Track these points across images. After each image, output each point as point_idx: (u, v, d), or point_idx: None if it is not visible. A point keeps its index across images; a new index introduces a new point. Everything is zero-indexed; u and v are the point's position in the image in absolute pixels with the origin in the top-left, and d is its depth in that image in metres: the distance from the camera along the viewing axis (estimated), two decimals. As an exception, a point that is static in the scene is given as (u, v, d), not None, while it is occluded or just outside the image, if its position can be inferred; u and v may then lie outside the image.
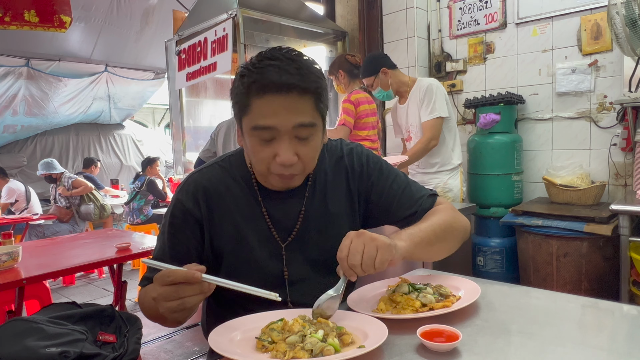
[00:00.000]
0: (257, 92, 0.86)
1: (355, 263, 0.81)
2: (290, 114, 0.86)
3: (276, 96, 0.85)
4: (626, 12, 2.19)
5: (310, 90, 0.87)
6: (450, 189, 2.61)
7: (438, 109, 2.49)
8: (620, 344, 0.80)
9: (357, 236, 0.83)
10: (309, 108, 0.88)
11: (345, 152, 1.09)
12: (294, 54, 0.89)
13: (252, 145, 0.91)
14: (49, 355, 1.30)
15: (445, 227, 1.00)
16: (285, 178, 0.93)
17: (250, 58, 0.91)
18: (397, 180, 1.08)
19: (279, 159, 0.89)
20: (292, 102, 0.86)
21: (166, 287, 0.75)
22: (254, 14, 3.20)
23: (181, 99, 3.85)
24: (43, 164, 4.86)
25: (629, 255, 2.04)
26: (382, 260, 0.81)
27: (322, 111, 0.92)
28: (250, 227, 1.00)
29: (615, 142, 2.73)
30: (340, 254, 0.83)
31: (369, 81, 2.66)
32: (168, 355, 2.76)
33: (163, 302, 0.76)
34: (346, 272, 0.83)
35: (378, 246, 0.82)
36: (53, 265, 2.03)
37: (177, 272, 0.75)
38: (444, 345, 0.73)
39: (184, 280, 0.75)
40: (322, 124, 0.94)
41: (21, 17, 2.83)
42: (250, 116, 0.88)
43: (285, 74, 0.84)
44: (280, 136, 0.88)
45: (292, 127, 0.87)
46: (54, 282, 4.41)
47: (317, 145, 0.94)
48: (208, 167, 1.05)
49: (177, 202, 1.00)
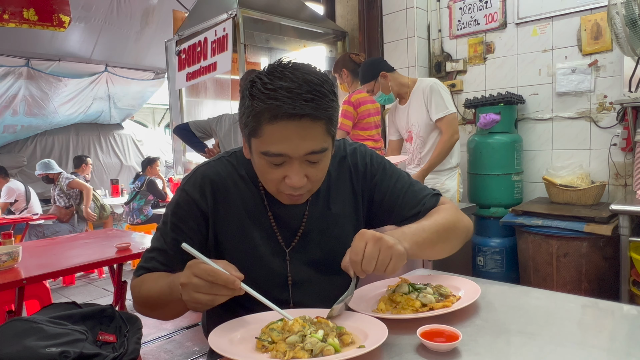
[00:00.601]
0: (269, 120, 0.83)
1: (369, 269, 0.81)
2: (302, 141, 0.85)
3: (288, 123, 0.83)
4: (626, 12, 2.19)
5: (322, 117, 0.85)
6: (448, 190, 2.61)
7: (448, 105, 2.50)
8: (620, 344, 0.80)
9: (374, 241, 0.82)
10: (321, 133, 0.87)
11: (349, 151, 1.09)
12: (306, 72, 0.85)
13: (261, 167, 0.90)
14: (49, 355, 1.30)
15: (448, 227, 1.00)
16: (294, 198, 0.93)
17: (260, 73, 0.87)
18: (401, 179, 1.08)
19: (288, 182, 0.88)
20: (304, 130, 0.84)
21: (202, 280, 0.76)
22: (254, 14, 3.20)
23: (181, 99, 3.85)
24: (41, 165, 4.86)
25: (629, 255, 2.04)
26: (394, 269, 0.82)
27: (333, 133, 0.91)
28: (255, 224, 1.00)
29: (615, 142, 2.73)
30: (355, 257, 0.82)
31: (369, 87, 2.66)
32: (168, 355, 2.76)
33: (192, 292, 0.76)
34: (358, 273, 0.84)
35: (393, 255, 0.82)
36: (53, 265, 2.03)
37: (220, 275, 0.76)
38: (444, 345, 0.73)
39: (224, 284, 0.76)
40: (332, 144, 0.93)
41: (20, 15, 2.83)
42: (261, 140, 0.86)
43: (298, 101, 0.81)
44: (291, 161, 0.87)
45: (303, 154, 0.86)
46: (54, 282, 4.41)
47: (326, 165, 0.94)
48: (215, 160, 1.04)
49: (182, 193, 1.00)
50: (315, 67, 0.88)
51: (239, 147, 1.07)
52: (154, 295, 0.90)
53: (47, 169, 4.82)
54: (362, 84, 2.70)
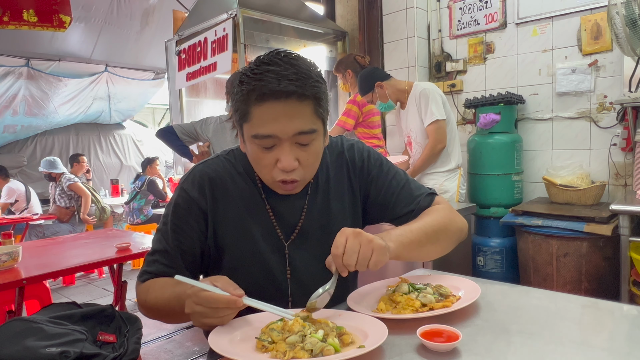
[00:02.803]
0: (256, 100, 0.86)
1: (351, 263, 0.82)
2: (289, 121, 0.86)
3: (275, 103, 0.85)
4: (626, 12, 2.19)
5: (309, 96, 0.87)
6: (446, 191, 2.61)
7: (435, 112, 2.51)
8: (620, 344, 0.80)
9: (354, 236, 0.84)
10: (309, 114, 0.88)
11: (346, 147, 1.10)
12: (292, 57, 0.88)
13: (254, 152, 0.92)
14: (49, 355, 1.30)
15: (437, 229, 1.00)
16: (288, 186, 0.93)
17: (249, 63, 0.91)
18: (397, 177, 1.09)
19: (280, 165, 0.89)
20: (291, 109, 0.86)
21: (205, 308, 0.77)
22: (254, 14, 3.20)
23: (181, 99, 3.85)
24: (46, 162, 4.83)
25: (629, 255, 2.04)
26: (376, 262, 0.83)
27: (322, 116, 0.92)
28: (254, 221, 1.00)
29: (615, 142, 2.72)
30: (336, 250, 0.83)
31: (367, 98, 2.69)
32: (168, 355, 2.76)
33: (200, 318, 0.79)
34: (339, 268, 0.84)
35: (374, 248, 0.83)
36: (53, 265, 2.03)
37: (221, 299, 0.77)
38: (444, 345, 0.73)
39: (226, 307, 0.77)
40: (323, 129, 0.94)
41: (20, 17, 2.82)
42: (250, 124, 0.88)
43: (283, 80, 0.84)
44: (281, 143, 0.88)
45: (292, 134, 0.87)
46: (54, 282, 4.41)
47: (318, 151, 0.94)
48: (213, 158, 1.05)
49: (181, 192, 1.00)
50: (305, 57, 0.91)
51: (236, 146, 1.08)
52: (162, 305, 0.91)
53: (52, 168, 4.81)
54: (362, 96, 2.72)
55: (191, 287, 0.79)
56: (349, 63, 3.00)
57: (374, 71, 2.71)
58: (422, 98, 2.53)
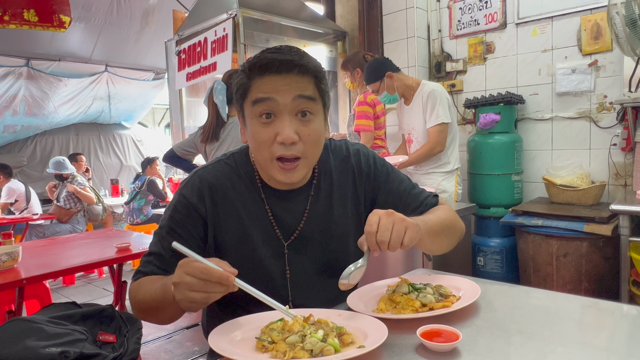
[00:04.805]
0: (258, 72, 0.89)
1: (385, 239, 0.82)
2: (290, 88, 0.89)
3: (276, 75, 0.88)
4: (626, 12, 2.19)
5: (310, 69, 0.90)
6: (444, 191, 2.61)
7: (441, 115, 2.50)
8: (620, 344, 0.80)
9: (387, 215, 0.84)
10: (310, 85, 0.91)
11: (352, 152, 1.10)
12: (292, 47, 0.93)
13: (253, 127, 0.92)
14: (49, 355, 1.30)
15: (448, 223, 1.05)
16: (287, 166, 0.92)
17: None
18: (403, 183, 1.12)
19: (279, 137, 0.89)
20: (292, 80, 0.89)
21: (195, 278, 0.74)
22: (254, 14, 3.20)
23: (181, 99, 3.85)
24: (55, 163, 4.81)
25: (629, 255, 2.04)
26: (411, 239, 0.84)
27: (323, 94, 0.94)
28: (254, 225, 1.00)
29: (615, 142, 2.73)
30: (369, 228, 0.83)
31: (374, 87, 2.65)
32: (168, 355, 2.76)
33: (186, 290, 0.75)
34: (372, 246, 0.84)
35: (407, 226, 0.84)
36: (53, 265, 2.03)
37: (213, 272, 0.74)
38: (444, 345, 0.73)
39: (217, 281, 0.75)
40: (323, 110, 0.96)
41: (20, 17, 2.82)
42: (251, 95, 0.91)
43: (285, 55, 0.89)
44: (280, 114, 0.89)
45: (292, 99, 0.89)
46: (54, 282, 4.41)
47: (319, 129, 0.94)
48: (213, 163, 1.05)
49: (181, 197, 1.00)
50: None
51: (237, 149, 1.07)
52: (149, 299, 0.90)
53: (62, 168, 4.81)
54: (368, 84, 2.68)
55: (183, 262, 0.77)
56: (357, 61, 2.97)
57: (386, 61, 2.68)
58: (430, 99, 2.52)
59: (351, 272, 0.87)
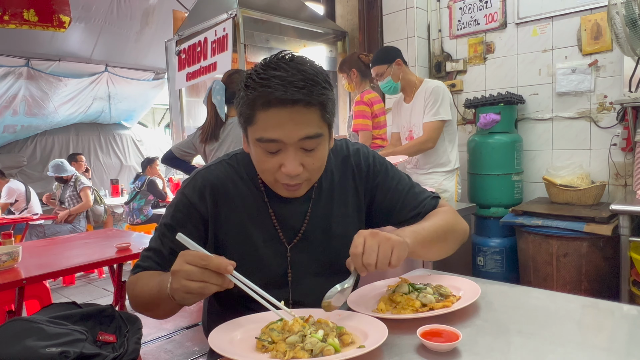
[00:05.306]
0: (262, 106, 0.85)
1: (371, 262, 0.81)
2: (295, 127, 0.85)
3: (281, 109, 0.84)
4: (626, 12, 2.19)
5: (315, 103, 0.86)
6: (445, 190, 2.61)
7: (442, 112, 2.50)
8: (620, 344, 0.80)
9: (372, 236, 0.83)
10: (315, 119, 0.87)
11: (352, 152, 1.10)
12: (299, 62, 0.87)
13: (258, 156, 0.91)
14: (49, 355, 1.30)
15: (446, 228, 1.02)
16: (291, 188, 0.93)
17: (255, 65, 0.89)
18: (402, 181, 1.10)
19: (284, 170, 0.88)
20: (297, 115, 0.85)
21: (194, 267, 0.75)
22: (254, 14, 3.20)
23: (181, 99, 3.85)
24: (55, 167, 4.80)
25: (629, 255, 2.04)
26: (399, 258, 0.83)
27: (329, 120, 0.91)
28: (256, 226, 1.00)
29: (615, 142, 2.72)
30: (355, 250, 0.83)
31: (380, 69, 2.60)
32: (168, 355, 2.76)
33: (184, 279, 0.76)
34: (359, 269, 0.83)
35: (393, 245, 0.83)
36: (53, 265, 2.03)
37: (212, 260, 0.76)
38: (444, 345, 0.73)
39: (215, 269, 0.76)
40: (329, 133, 0.94)
41: (20, 16, 2.83)
42: (255, 127, 0.87)
43: (290, 87, 0.83)
44: (286, 148, 0.87)
45: (297, 139, 0.86)
46: (54, 282, 4.41)
47: (323, 155, 0.94)
48: (216, 164, 1.05)
49: (182, 197, 1.00)
50: (311, 60, 0.90)
51: (239, 149, 1.07)
52: (146, 293, 0.91)
53: (62, 171, 4.80)
54: (375, 65, 2.63)
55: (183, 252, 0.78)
56: (353, 62, 2.98)
57: (399, 50, 2.67)
58: (433, 94, 2.51)
59: (337, 291, 0.85)
